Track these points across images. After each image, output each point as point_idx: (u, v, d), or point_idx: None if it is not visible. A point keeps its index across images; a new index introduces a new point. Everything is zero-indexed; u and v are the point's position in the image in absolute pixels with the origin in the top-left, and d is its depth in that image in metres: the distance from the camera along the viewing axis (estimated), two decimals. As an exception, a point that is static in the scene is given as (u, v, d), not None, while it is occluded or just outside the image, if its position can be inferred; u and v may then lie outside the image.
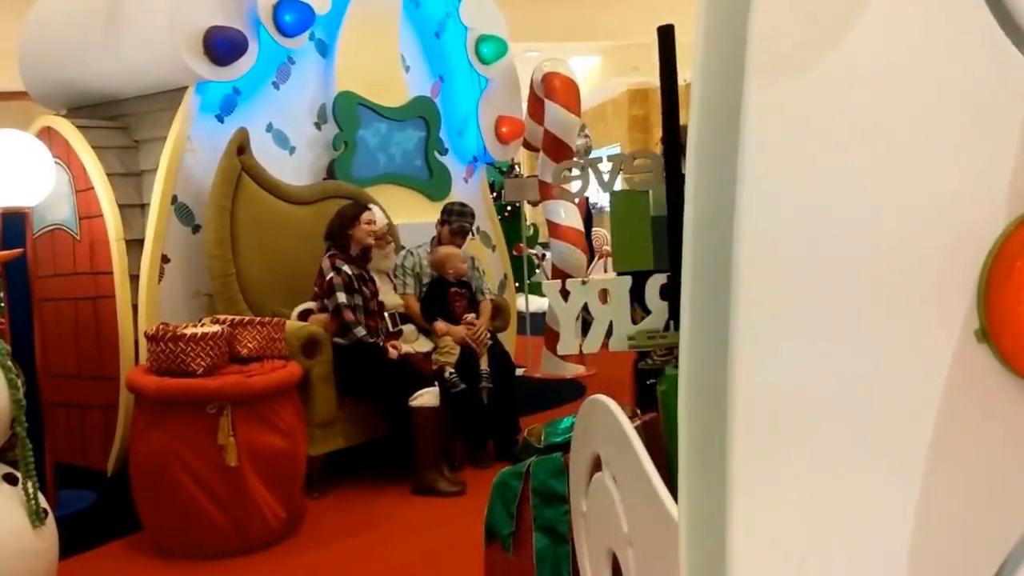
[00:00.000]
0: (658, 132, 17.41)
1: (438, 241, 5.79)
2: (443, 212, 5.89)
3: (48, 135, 5.25)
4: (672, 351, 2.30)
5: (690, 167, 1.00)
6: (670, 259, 2.29)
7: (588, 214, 11.21)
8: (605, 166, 2.69)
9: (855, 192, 0.90)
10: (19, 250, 4.11)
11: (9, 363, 3.05)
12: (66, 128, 5.29)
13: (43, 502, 3.16)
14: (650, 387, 2.32)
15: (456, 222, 5.79)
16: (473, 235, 5.88)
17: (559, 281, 2.58)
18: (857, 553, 0.97)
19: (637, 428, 1.68)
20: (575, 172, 2.79)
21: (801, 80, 0.88)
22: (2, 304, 4.69)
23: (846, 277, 0.91)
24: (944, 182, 0.91)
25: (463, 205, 5.97)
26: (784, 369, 0.94)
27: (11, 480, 3.10)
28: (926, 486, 0.95)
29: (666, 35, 2.28)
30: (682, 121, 2.51)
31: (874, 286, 0.92)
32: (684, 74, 2.76)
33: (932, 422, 0.94)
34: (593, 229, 11.27)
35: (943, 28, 0.90)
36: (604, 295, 2.41)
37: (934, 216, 0.91)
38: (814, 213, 0.90)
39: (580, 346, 2.45)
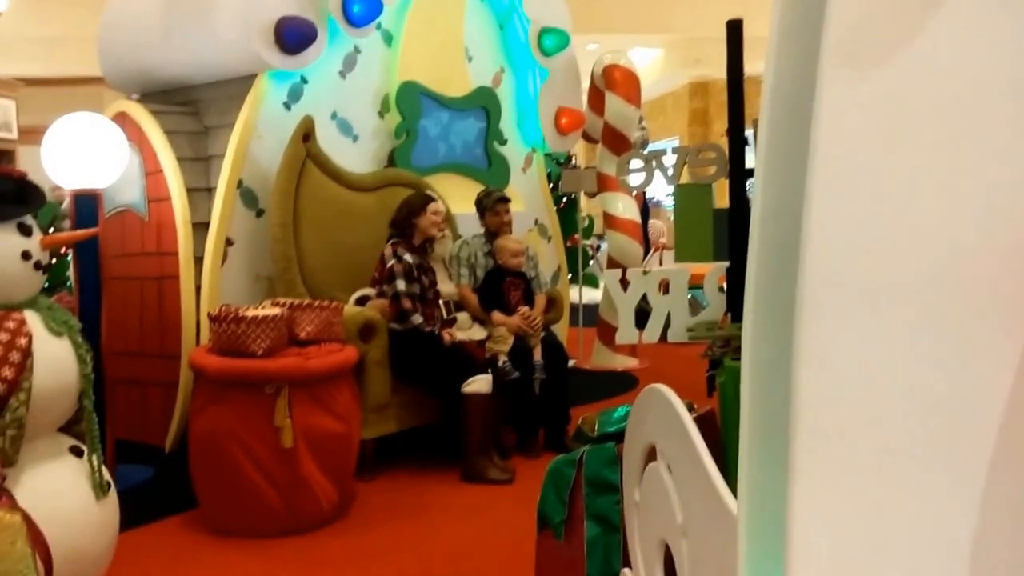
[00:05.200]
0: (717, 125, 17.35)
1: (488, 233, 5.81)
2: (476, 208, 5.94)
3: (122, 119, 5.35)
4: (729, 342, 2.31)
5: (760, 160, 1.01)
6: (730, 251, 2.29)
7: (644, 207, 11.18)
8: (669, 159, 2.70)
9: (927, 188, 0.90)
10: (95, 230, 4.20)
11: (80, 339, 3.12)
12: (140, 113, 5.39)
13: (107, 475, 3.23)
14: (709, 378, 2.33)
15: (486, 203, 5.83)
16: (508, 212, 5.88)
17: (619, 270, 2.59)
18: (919, 546, 0.97)
19: (693, 420, 1.68)
20: (638, 164, 2.80)
21: (876, 76, 0.88)
22: (70, 283, 4.79)
23: (915, 272, 0.91)
24: (1018, 178, 0.91)
25: (483, 191, 6.08)
26: (849, 362, 0.94)
27: (77, 453, 3.18)
28: (992, 478, 0.94)
29: (734, 29, 2.29)
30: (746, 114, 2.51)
31: (944, 280, 0.92)
32: (749, 67, 2.77)
33: (1000, 413, 0.94)
34: (649, 222, 11.22)
35: (1022, 24, 0.89)
36: (665, 286, 2.43)
37: (1007, 212, 0.91)
38: (885, 208, 0.90)
39: (640, 336, 2.46)
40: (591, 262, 11.24)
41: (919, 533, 0.96)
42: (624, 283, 2.51)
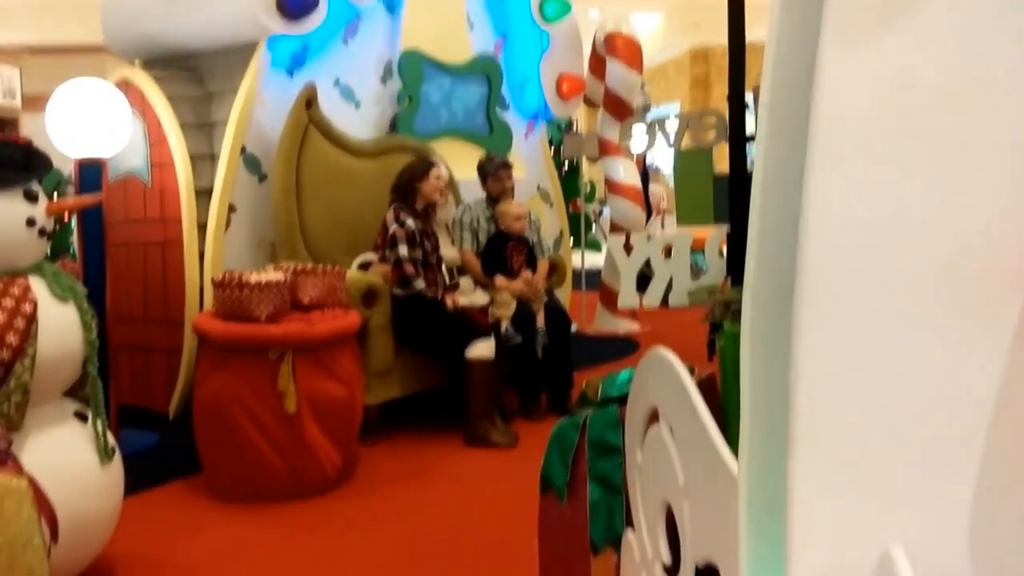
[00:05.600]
0: (718, 90, 17.30)
1: (490, 198, 5.82)
2: (479, 173, 5.93)
3: (125, 86, 5.32)
4: (730, 306, 2.32)
5: (761, 132, 1.02)
6: (731, 216, 2.30)
7: (644, 172, 11.17)
8: (671, 124, 2.70)
9: (926, 164, 0.90)
10: (100, 196, 4.20)
11: (85, 305, 3.14)
12: (143, 80, 5.37)
13: (111, 440, 3.26)
14: (710, 342, 2.34)
15: (489, 169, 5.83)
16: (511, 177, 5.90)
17: (623, 236, 2.60)
18: (919, 509, 0.98)
19: (695, 384, 1.69)
20: (641, 129, 2.81)
21: (877, 46, 0.88)
22: (73, 249, 4.80)
23: (915, 247, 0.92)
24: (1017, 155, 0.91)
25: (485, 156, 6.07)
26: (848, 334, 0.95)
27: (81, 418, 3.20)
28: (989, 447, 0.95)
29: (735, -5, 2.29)
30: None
31: (944, 256, 0.92)
32: (748, 34, 2.77)
33: (997, 388, 0.95)
34: (650, 186, 11.22)
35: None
36: (668, 251, 2.44)
37: (1008, 188, 0.91)
38: (883, 183, 0.91)
39: (641, 300, 2.47)
40: (594, 227, 11.23)
41: (919, 496, 0.97)
42: (628, 248, 2.52)
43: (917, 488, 0.97)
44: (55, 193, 6.39)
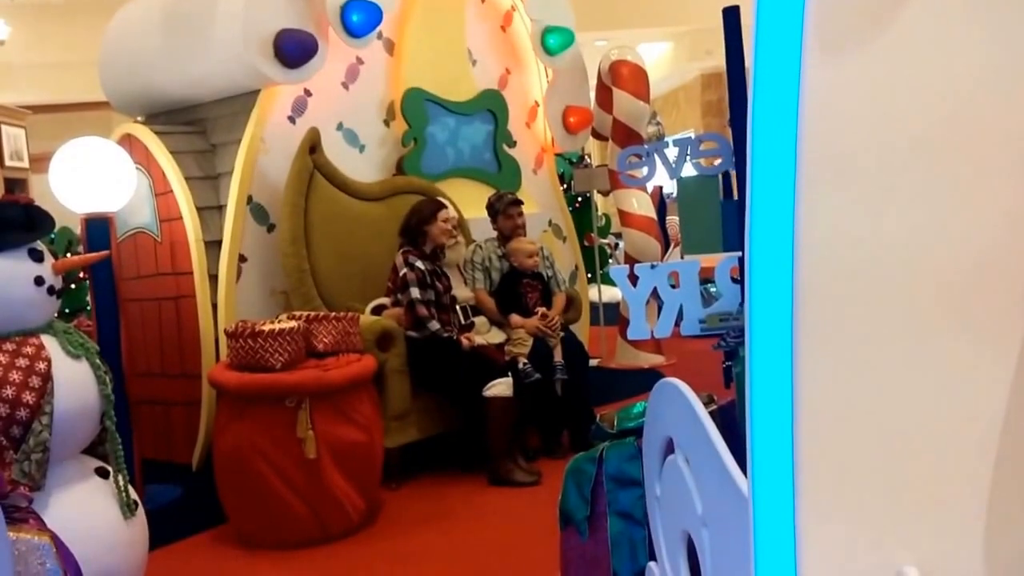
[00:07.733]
0: (731, 116, 17.28)
1: (502, 236, 5.80)
2: (488, 212, 5.92)
3: (129, 142, 5.38)
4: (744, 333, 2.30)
5: (751, 146, 1.01)
6: (741, 241, 2.28)
7: (662, 203, 11.14)
8: (672, 151, 2.69)
9: (918, 170, 0.89)
10: (105, 252, 4.21)
11: (98, 361, 3.15)
12: (146, 135, 5.42)
13: (133, 494, 3.25)
14: (726, 369, 2.32)
15: (499, 207, 5.82)
16: (522, 214, 5.86)
17: (627, 266, 2.58)
18: (931, 528, 0.96)
19: (714, 412, 1.68)
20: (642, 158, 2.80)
21: (858, 57, 0.88)
22: (89, 307, 4.82)
23: (904, 253, 0.91)
24: (1002, 161, 0.90)
25: (494, 195, 6.05)
26: (849, 347, 0.93)
27: (103, 474, 3.20)
28: (997, 467, 0.94)
29: (731, 17, 2.28)
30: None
31: (940, 267, 0.91)
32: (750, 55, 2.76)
33: (1002, 407, 0.93)
34: (668, 217, 11.20)
35: (1002, 3, 0.89)
36: (676, 279, 2.41)
37: (994, 194, 0.90)
38: (872, 191, 0.90)
39: (652, 331, 2.45)
40: (610, 260, 11.21)
41: (927, 520, 0.96)
42: (632, 278, 2.49)
43: (928, 508, 0.95)
44: (68, 252, 6.43)
